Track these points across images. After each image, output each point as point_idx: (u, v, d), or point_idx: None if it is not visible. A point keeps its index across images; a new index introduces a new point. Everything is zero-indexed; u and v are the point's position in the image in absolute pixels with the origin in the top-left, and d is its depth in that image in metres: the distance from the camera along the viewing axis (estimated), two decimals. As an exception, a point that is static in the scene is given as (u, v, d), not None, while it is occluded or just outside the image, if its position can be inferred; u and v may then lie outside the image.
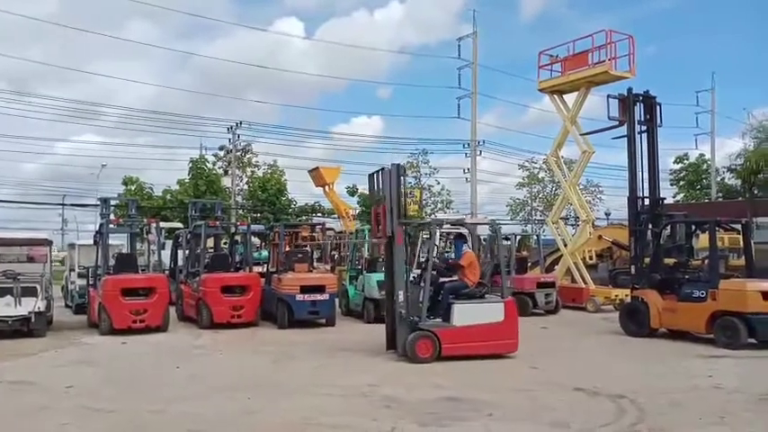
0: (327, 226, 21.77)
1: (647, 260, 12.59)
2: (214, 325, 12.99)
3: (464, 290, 9.76)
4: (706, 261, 12.10)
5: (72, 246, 18.44)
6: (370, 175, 10.24)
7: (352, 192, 37.71)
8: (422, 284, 9.62)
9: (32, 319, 11.62)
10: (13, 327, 11.56)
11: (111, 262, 13.59)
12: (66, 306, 16.99)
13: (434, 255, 15.49)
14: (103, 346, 11.16)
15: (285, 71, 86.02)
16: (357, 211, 32.61)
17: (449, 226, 13.59)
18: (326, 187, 26.99)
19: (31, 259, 15.23)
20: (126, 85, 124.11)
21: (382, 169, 9.83)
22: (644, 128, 13.17)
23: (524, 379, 8.30)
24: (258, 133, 46.08)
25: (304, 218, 35.41)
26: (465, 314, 9.40)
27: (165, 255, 18.64)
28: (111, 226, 14.09)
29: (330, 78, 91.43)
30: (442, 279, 10.19)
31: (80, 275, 15.81)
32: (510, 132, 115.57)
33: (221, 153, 38.09)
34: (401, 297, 9.41)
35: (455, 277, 10.01)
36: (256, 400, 7.12)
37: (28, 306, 11.61)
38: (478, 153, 34.33)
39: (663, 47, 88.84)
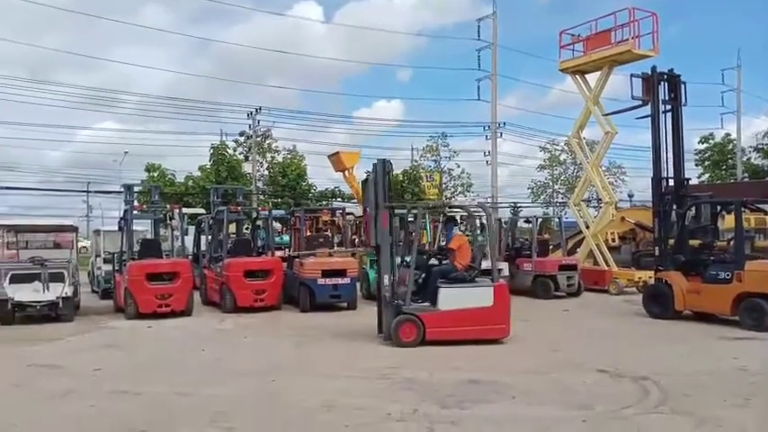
0: (348, 210, 21.77)
1: (671, 242, 12.45)
2: (237, 309, 13.15)
3: (452, 273, 9.62)
4: (731, 242, 11.93)
5: (97, 232, 18.74)
6: (362, 183, 10.19)
7: (372, 176, 37.63)
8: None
9: (60, 304, 11.86)
10: (42, 312, 11.82)
11: (136, 248, 13.79)
12: (93, 291, 17.31)
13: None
14: (129, 331, 11.35)
15: (304, 56, 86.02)
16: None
17: (448, 210, 13.52)
18: (346, 172, 26.96)
19: (57, 245, 15.52)
20: (145, 71, 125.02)
21: (367, 179, 9.75)
22: (668, 107, 12.95)
23: (546, 361, 8.27)
24: (278, 119, 46.13)
25: (324, 203, 35.50)
26: (451, 298, 9.22)
27: (189, 240, 18.88)
28: (135, 212, 14.27)
29: (349, 62, 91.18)
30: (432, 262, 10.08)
31: (105, 261, 16.08)
32: (531, 114, 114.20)
33: (241, 139, 38.28)
34: (386, 281, 9.33)
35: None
36: (280, 383, 7.21)
37: (55, 291, 11.86)
38: (499, 135, 34.05)
39: (687, 24, 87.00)
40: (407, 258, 10.17)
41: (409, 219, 11.57)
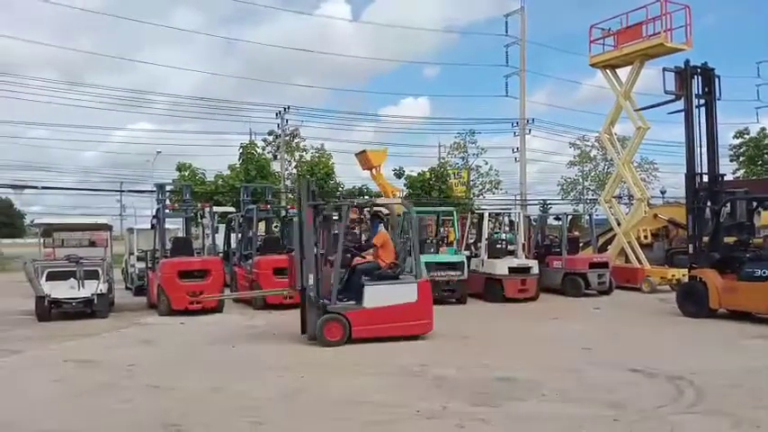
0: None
1: (705, 239, 12.21)
2: (267, 306, 13.26)
3: (377, 271, 9.59)
4: (768, 239, 11.67)
5: (130, 230, 19.08)
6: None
7: (399, 174, 37.71)
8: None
9: (95, 301, 12.11)
10: (77, 308, 12.08)
11: (168, 245, 14.01)
12: (127, 288, 17.63)
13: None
14: (162, 327, 11.53)
15: (332, 54, 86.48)
16: (404, 194, 32.58)
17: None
18: (373, 170, 27.03)
19: (92, 244, 15.83)
20: (176, 72, 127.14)
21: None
22: (702, 101, 12.70)
23: (578, 360, 8.18)
24: (306, 117, 46.50)
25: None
26: (377, 295, 9.21)
27: (219, 238, 19.11)
28: (167, 211, 14.51)
29: (377, 60, 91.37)
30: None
31: (139, 259, 16.37)
32: (561, 110, 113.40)
33: (270, 138, 38.62)
34: (311, 280, 9.23)
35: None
36: (309, 379, 7.26)
37: (91, 288, 12.12)
38: (528, 132, 33.80)
39: (721, 16, 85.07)
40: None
41: (334, 216, 11.39)
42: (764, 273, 10.76)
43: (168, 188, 16.93)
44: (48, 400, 6.62)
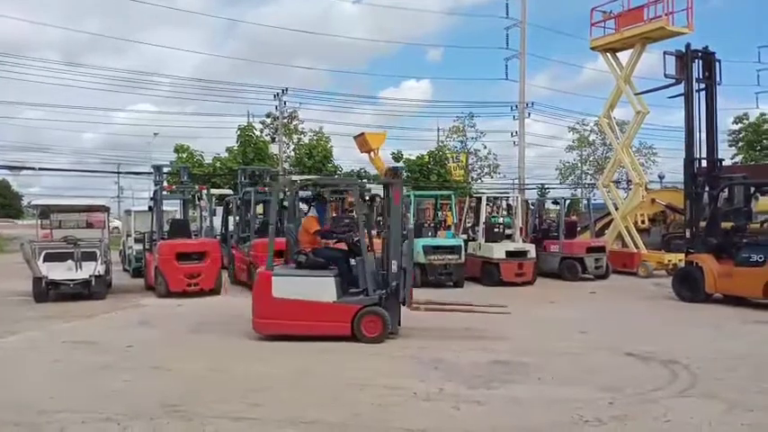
0: (373, 192, 21.74)
1: (702, 224, 12.25)
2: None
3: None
4: (765, 224, 11.70)
5: (128, 212, 19.07)
6: None
7: (397, 157, 37.60)
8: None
9: (93, 283, 12.13)
10: (75, 290, 12.09)
11: (166, 227, 14.00)
12: (124, 270, 17.64)
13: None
14: (160, 309, 11.56)
15: (333, 36, 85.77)
16: (403, 177, 32.42)
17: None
18: (372, 153, 26.94)
19: (90, 225, 15.83)
20: (176, 54, 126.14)
21: None
22: (702, 86, 12.67)
23: (574, 343, 8.24)
24: (305, 99, 46.23)
25: (350, 184, 35.50)
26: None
27: (217, 221, 19.11)
28: (165, 192, 14.47)
29: (379, 42, 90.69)
30: None
31: (136, 240, 16.37)
32: (561, 94, 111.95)
33: (268, 120, 38.44)
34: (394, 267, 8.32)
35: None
36: (308, 362, 7.28)
37: (88, 270, 12.12)
38: (527, 116, 33.67)
39: (723, 0, 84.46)
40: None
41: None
42: (760, 258, 10.81)
43: (165, 170, 16.89)
44: (47, 380, 6.65)
